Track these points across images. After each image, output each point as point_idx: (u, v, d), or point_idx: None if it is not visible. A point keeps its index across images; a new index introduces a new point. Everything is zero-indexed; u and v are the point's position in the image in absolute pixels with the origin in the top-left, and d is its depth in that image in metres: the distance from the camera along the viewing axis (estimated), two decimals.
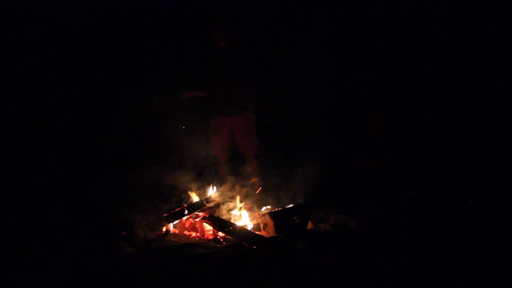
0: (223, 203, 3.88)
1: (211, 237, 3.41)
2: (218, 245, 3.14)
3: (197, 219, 3.58)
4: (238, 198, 3.88)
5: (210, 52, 4.29)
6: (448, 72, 5.38)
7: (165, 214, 3.59)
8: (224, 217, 3.61)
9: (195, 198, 3.85)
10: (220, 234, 3.38)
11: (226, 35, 4.19)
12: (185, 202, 3.81)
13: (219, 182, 4.18)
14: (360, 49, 5.48)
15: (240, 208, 3.85)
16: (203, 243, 3.17)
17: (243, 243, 3.10)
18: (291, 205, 3.88)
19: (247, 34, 4.63)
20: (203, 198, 3.86)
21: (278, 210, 3.66)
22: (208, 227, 3.48)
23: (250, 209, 3.93)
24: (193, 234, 3.49)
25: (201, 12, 4.70)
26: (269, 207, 3.96)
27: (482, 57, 5.18)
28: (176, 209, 3.67)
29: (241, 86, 4.25)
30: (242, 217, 3.81)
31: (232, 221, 3.64)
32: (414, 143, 5.11)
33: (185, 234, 3.51)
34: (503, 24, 5.02)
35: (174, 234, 3.47)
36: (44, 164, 4.54)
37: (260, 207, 3.95)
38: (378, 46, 5.48)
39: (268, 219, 3.40)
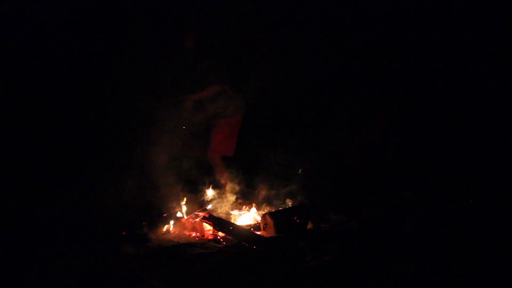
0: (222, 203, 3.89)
1: (211, 237, 3.41)
2: (218, 245, 3.14)
3: (197, 219, 3.58)
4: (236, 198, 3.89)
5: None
6: (447, 72, 5.37)
7: (165, 215, 3.60)
8: (224, 217, 3.61)
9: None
10: (220, 234, 3.38)
11: (197, 43, 4.18)
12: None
13: (217, 182, 4.17)
14: (361, 47, 5.46)
15: (239, 208, 3.86)
16: (203, 243, 3.17)
17: (243, 243, 3.10)
18: (291, 205, 3.89)
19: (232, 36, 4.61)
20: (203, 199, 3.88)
21: (278, 210, 3.66)
22: (208, 227, 3.48)
23: (250, 209, 3.94)
24: (193, 234, 3.50)
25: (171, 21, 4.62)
26: (269, 207, 3.96)
27: (482, 57, 5.17)
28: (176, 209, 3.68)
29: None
30: (242, 217, 3.82)
31: (232, 221, 3.65)
32: (414, 143, 5.10)
33: (185, 234, 3.51)
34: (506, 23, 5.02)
35: (174, 234, 3.47)
36: (44, 164, 4.54)
37: (260, 207, 3.96)
38: (379, 45, 5.46)
39: (268, 219, 3.40)
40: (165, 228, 3.52)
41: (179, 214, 3.68)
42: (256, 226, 3.56)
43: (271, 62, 4.75)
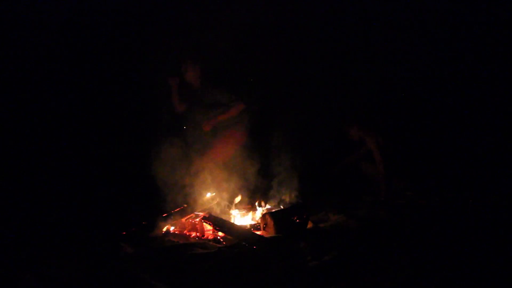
0: (222, 203, 3.89)
1: (211, 237, 3.41)
2: (218, 245, 3.14)
3: (197, 219, 3.58)
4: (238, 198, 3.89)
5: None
6: (450, 70, 5.37)
7: (165, 214, 3.60)
8: (224, 217, 3.61)
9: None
10: (220, 234, 3.38)
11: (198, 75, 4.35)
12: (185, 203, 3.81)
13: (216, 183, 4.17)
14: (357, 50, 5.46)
15: (240, 208, 3.87)
16: (203, 243, 3.17)
17: (243, 243, 3.10)
18: (291, 205, 3.89)
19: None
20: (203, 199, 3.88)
21: (278, 210, 3.67)
22: (208, 227, 3.48)
23: (250, 209, 3.94)
24: (193, 234, 3.50)
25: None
26: (269, 207, 3.96)
27: (477, 54, 5.17)
28: (176, 209, 3.68)
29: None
30: (242, 217, 3.82)
31: (232, 221, 3.65)
32: (414, 144, 5.10)
33: (185, 234, 3.51)
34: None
35: (174, 234, 3.47)
36: (45, 164, 4.54)
37: (260, 207, 3.96)
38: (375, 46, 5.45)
39: (268, 219, 3.40)
40: (165, 228, 3.52)
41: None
42: (256, 226, 3.57)
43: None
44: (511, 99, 5.07)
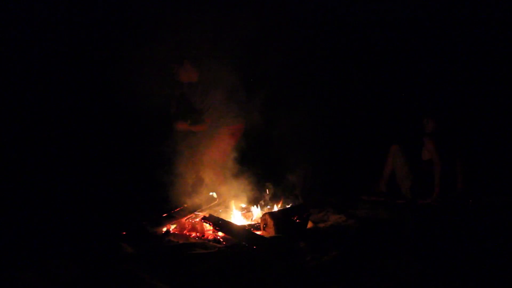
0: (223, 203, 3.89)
1: (211, 237, 3.41)
2: (218, 245, 3.14)
3: (197, 219, 3.58)
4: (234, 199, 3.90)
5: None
6: (443, 69, 5.36)
7: (165, 214, 3.60)
8: (223, 217, 3.61)
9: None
10: (220, 234, 3.38)
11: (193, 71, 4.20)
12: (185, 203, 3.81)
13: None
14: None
15: (240, 208, 3.87)
16: (203, 243, 3.17)
17: (243, 243, 3.10)
18: (291, 205, 3.89)
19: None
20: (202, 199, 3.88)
21: (278, 210, 3.67)
22: (208, 227, 3.49)
23: (249, 209, 3.94)
24: (193, 234, 3.50)
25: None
26: (269, 207, 3.96)
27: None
28: (176, 209, 3.68)
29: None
30: (242, 217, 3.82)
31: (231, 221, 3.65)
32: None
33: (185, 234, 3.51)
34: None
35: (174, 234, 3.47)
36: (44, 163, 4.54)
37: (260, 207, 3.96)
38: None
39: (268, 219, 3.40)
40: (165, 228, 3.52)
41: None
42: (256, 226, 3.57)
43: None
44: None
